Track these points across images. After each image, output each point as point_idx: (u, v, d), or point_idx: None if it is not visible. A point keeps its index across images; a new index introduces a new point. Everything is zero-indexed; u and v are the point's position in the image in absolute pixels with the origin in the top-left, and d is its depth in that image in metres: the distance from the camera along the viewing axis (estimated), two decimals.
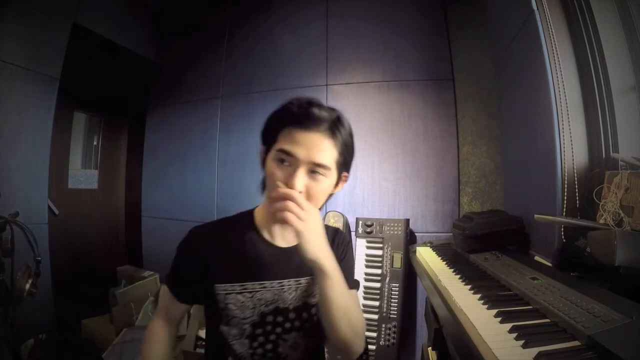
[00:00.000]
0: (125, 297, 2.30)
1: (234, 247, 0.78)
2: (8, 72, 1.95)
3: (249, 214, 0.85)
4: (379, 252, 1.97)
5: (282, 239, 0.82)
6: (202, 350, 1.94)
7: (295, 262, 0.79)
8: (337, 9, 2.40)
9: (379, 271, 1.94)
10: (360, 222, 2.07)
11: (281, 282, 0.79)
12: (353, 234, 2.10)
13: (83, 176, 2.89)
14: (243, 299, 0.77)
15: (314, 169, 0.71)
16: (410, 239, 2.00)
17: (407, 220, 2.00)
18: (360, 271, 1.96)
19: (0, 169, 1.92)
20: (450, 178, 2.09)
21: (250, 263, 0.78)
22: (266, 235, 0.81)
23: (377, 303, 1.91)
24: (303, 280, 0.81)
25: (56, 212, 2.49)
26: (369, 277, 1.94)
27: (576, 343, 0.56)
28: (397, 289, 1.89)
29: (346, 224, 2.11)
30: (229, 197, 2.52)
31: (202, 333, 2.10)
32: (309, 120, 0.71)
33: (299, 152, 0.70)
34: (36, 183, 2.11)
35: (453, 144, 2.11)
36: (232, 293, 0.77)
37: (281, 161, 0.71)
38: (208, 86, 2.66)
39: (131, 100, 3.06)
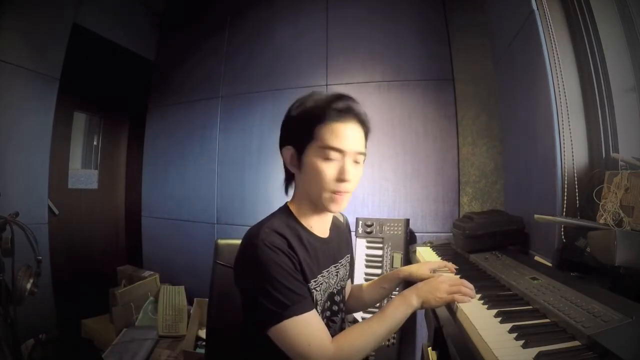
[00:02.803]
0: (125, 297, 2.30)
1: (305, 244, 0.78)
2: (8, 72, 1.95)
3: (290, 212, 0.83)
4: (379, 252, 1.97)
5: (319, 230, 0.85)
6: (202, 351, 1.94)
7: (331, 249, 0.87)
8: (337, 10, 2.40)
9: (379, 271, 1.94)
10: (360, 222, 2.06)
11: (328, 270, 0.85)
12: (353, 234, 2.10)
13: (83, 176, 2.89)
14: (318, 292, 0.80)
15: (356, 159, 0.78)
16: (410, 239, 1.99)
17: (407, 220, 2.00)
18: (360, 271, 1.95)
19: (0, 169, 1.92)
20: (451, 178, 2.09)
21: (315, 257, 0.81)
22: (311, 229, 0.83)
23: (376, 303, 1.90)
24: (338, 265, 0.90)
25: (56, 212, 2.49)
26: (368, 277, 1.94)
27: (576, 343, 0.56)
28: (397, 289, 1.89)
29: (346, 224, 2.11)
30: (229, 197, 2.52)
31: (202, 333, 2.10)
32: (348, 113, 0.76)
33: (347, 145, 0.75)
34: (36, 183, 2.11)
35: (453, 144, 2.11)
36: (316, 289, 0.79)
37: (326, 157, 0.74)
38: (208, 86, 2.66)
39: (131, 101, 3.06)
